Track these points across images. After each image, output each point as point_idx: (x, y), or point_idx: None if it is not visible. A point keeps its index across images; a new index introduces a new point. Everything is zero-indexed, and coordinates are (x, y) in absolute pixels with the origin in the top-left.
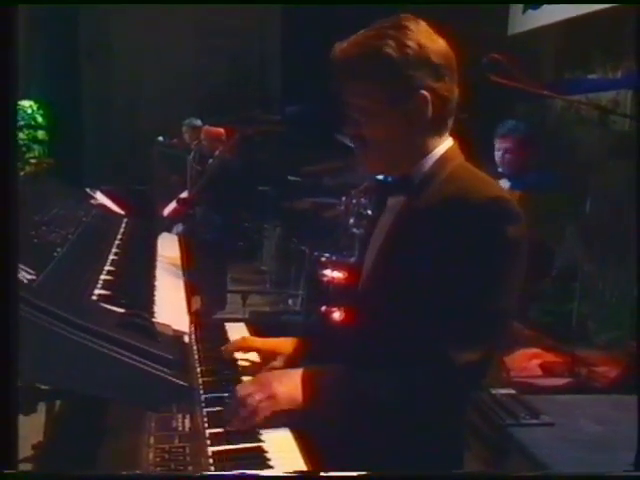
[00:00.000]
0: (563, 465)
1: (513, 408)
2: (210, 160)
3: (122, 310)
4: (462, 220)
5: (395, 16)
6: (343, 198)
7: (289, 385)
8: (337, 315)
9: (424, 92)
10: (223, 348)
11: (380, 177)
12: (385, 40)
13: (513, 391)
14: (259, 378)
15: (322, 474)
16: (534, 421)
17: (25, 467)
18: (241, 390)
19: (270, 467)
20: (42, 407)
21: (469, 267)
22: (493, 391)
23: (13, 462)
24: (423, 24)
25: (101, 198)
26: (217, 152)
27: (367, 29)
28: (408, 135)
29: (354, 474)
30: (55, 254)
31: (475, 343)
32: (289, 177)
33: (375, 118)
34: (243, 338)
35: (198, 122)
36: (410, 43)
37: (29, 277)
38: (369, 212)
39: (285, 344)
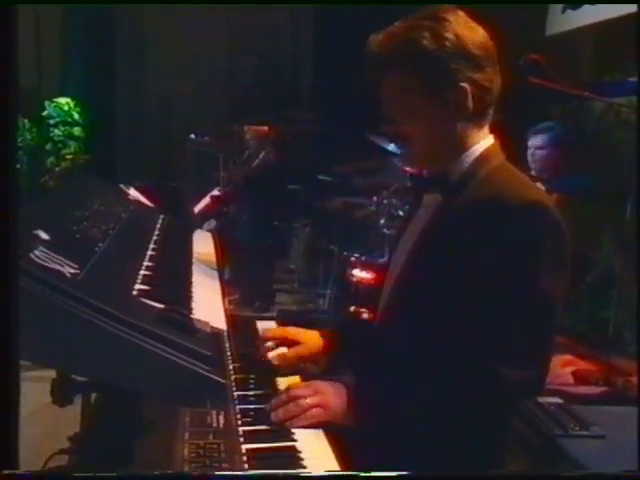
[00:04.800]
0: None
1: (562, 419)
2: (255, 160)
3: (161, 305)
4: (501, 224)
5: (432, 7)
6: (374, 198)
7: (342, 399)
8: (366, 316)
9: (464, 84)
10: (257, 345)
11: (415, 173)
12: (421, 32)
13: (561, 400)
14: (316, 384)
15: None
16: (584, 432)
17: (60, 459)
18: (296, 390)
19: (303, 467)
20: (78, 399)
21: (507, 273)
22: (540, 400)
23: (13, 462)
24: (461, 14)
25: (135, 194)
26: (263, 153)
27: (403, 20)
28: (448, 129)
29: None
30: (96, 249)
31: (519, 353)
32: (320, 176)
33: (414, 113)
34: (266, 330)
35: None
36: (447, 34)
37: (72, 271)
38: (400, 213)
39: (304, 336)
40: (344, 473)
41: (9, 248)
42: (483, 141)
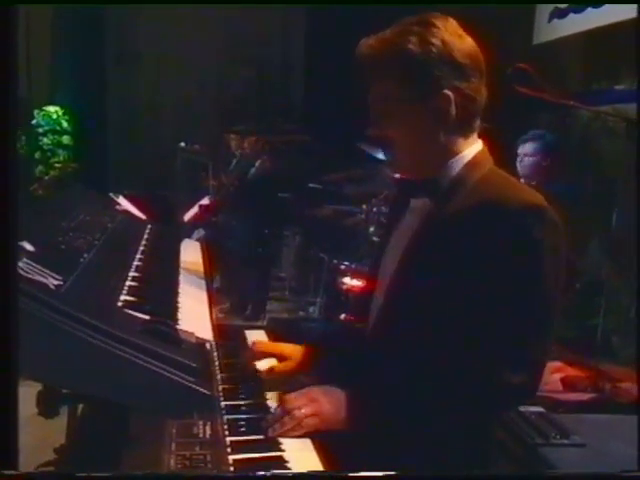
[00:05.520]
0: None
1: (543, 427)
2: (249, 169)
3: (147, 317)
4: (500, 228)
5: (423, 13)
6: (364, 206)
7: (336, 405)
8: (357, 324)
9: (447, 92)
10: (244, 359)
11: (402, 178)
12: (408, 37)
13: (542, 409)
14: (308, 393)
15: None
16: (565, 441)
17: (47, 469)
18: (290, 402)
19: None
20: (64, 410)
21: (507, 277)
22: (522, 409)
23: (13, 462)
24: (452, 22)
25: (124, 203)
26: (259, 161)
27: (394, 26)
28: (433, 135)
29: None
30: (82, 260)
31: (518, 359)
32: (310, 184)
33: (397, 118)
34: (254, 344)
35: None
36: (434, 40)
37: (56, 283)
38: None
39: (293, 350)
40: (332, 473)
41: (7, 262)
42: (471, 147)
